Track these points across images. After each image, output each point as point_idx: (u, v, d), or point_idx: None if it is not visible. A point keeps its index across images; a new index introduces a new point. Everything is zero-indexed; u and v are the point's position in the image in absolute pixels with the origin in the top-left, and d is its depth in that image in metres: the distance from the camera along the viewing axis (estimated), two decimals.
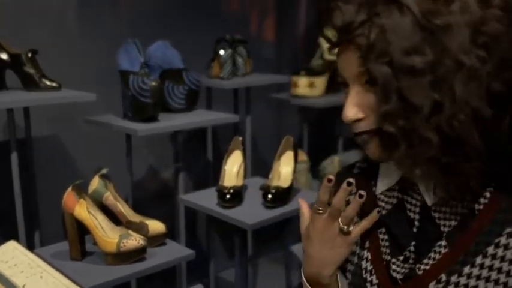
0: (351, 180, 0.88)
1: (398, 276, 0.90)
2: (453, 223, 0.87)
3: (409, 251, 0.90)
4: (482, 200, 0.86)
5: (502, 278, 0.82)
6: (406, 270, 0.90)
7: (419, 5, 0.78)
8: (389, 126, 0.81)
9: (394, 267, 0.91)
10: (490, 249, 0.83)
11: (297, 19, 3.10)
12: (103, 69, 2.26)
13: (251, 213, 1.92)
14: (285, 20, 3.07)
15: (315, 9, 3.02)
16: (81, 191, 1.63)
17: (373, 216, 0.92)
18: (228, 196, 1.95)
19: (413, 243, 0.90)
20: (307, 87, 2.60)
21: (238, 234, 2.02)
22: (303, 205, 0.98)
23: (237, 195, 1.97)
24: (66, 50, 2.21)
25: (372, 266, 0.94)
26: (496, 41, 0.77)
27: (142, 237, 1.61)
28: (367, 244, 0.97)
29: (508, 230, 0.83)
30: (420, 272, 0.88)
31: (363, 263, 0.96)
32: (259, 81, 2.58)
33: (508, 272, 0.82)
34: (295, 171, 2.10)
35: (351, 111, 0.86)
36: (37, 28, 2.13)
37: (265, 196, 1.97)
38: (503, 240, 0.83)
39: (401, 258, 0.91)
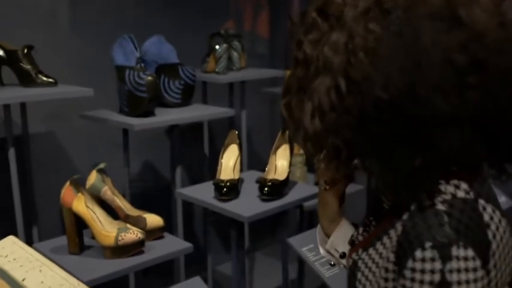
0: None
1: (353, 238, 1.03)
2: (386, 207, 0.93)
3: (371, 222, 1.00)
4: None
5: (381, 262, 0.85)
6: (360, 237, 1.00)
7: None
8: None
9: (360, 231, 1.02)
10: (384, 238, 0.86)
11: (291, 13, 3.11)
12: (97, 64, 2.27)
13: (248, 206, 1.94)
14: (279, 15, 3.08)
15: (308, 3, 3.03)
16: (79, 185, 1.63)
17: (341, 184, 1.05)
18: (224, 189, 1.96)
19: (370, 217, 1.00)
20: None
21: (234, 227, 2.03)
22: None
23: (233, 189, 1.99)
24: (60, 46, 2.21)
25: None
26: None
27: (140, 230, 1.62)
28: None
29: (397, 223, 0.83)
30: (356, 242, 1.00)
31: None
32: (254, 76, 2.59)
33: (385, 259, 0.83)
34: (291, 165, 2.11)
35: None
36: (30, 25, 2.13)
37: (261, 189, 1.98)
38: (392, 232, 0.84)
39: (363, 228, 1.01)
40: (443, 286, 0.74)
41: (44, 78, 1.90)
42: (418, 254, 0.75)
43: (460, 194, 0.80)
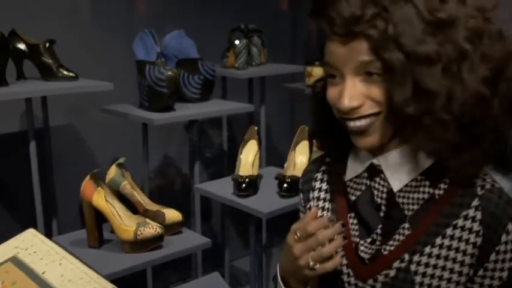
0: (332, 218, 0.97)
1: (366, 256, 0.97)
2: (416, 207, 0.94)
3: (376, 233, 0.97)
4: (442, 186, 0.92)
5: (459, 256, 0.90)
6: (373, 251, 0.96)
7: (421, 1, 0.84)
8: (409, 109, 0.85)
9: (362, 248, 0.98)
10: (449, 231, 0.91)
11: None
12: (118, 59, 2.28)
13: (266, 202, 1.93)
14: (299, 10, 3.06)
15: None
16: (99, 179, 1.64)
17: (337, 261, 0.94)
18: (243, 185, 1.96)
19: (380, 226, 0.97)
20: None
21: (253, 223, 2.03)
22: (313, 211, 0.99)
23: (252, 185, 1.98)
24: (81, 40, 2.22)
25: (341, 248, 0.99)
26: (478, 36, 0.85)
27: (159, 225, 1.62)
28: None
29: (464, 212, 0.90)
30: (386, 253, 0.95)
31: None
32: (273, 71, 2.58)
33: (464, 251, 0.89)
34: (310, 161, 2.10)
35: (347, 100, 0.89)
36: (52, 19, 2.14)
37: (280, 185, 1.97)
38: (460, 222, 0.90)
39: (368, 240, 0.98)
40: None
41: (65, 72, 1.91)
42: (509, 226, 0.88)
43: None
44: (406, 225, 0.93)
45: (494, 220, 0.88)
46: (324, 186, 1.09)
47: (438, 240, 0.91)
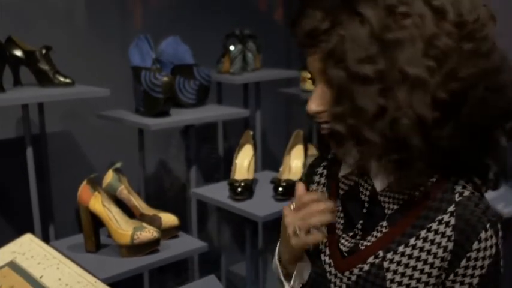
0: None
1: (344, 249, 1.01)
2: (395, 207, 0.97)
3: (357, 228, 1.01)
4: (422, 189, 0.94)
5: (430, 258, 0.92)
6: (352, 245, 1.01)
7: (378, 18, 0.85)
8: (337, 124, 0.89)
9: (343, 241, 1.03)
10: (423, 233, 0.93)
11: None
12: (114, 65, 2.29)
13: (262, 206, 1.95)
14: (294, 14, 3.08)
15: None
16: (96, 184, 1.65)
17: (318, 236, 0.98)
18: (239, 189, 1.98)
19: (361, 221, 1.01)
20: None
21: (249, 227, 2.04)
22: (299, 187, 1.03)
23: (248, 189, 2.00)
24: (77, 47, 2.23)
25: (326, 239, 1.05)
26: (445, 55, 0.85)
27: (156, 229, 1.64)
28: None
29: (440, 217, 0.92)
30: (362, 247, 0.99)
31: None
32: (268, 76, 2.60)
33: (435, 254, 0.92)
34: (305, 165, 2.12)
35: (314, 104, 0.95)
36: (48, 26, 2.15)
37: (275, 189, 1.99)
38: (434, 225, 0.92)
39: (350, 234, 1.02)
40: (497, 255, 0.91)
41: (62, 79, 1.92)
42: (483, 235, 0.89)
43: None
44: (384, 223, 0.97)
45: (468, 227, 0.89)
46: (323, 180, 1.13)
47: (412, 241, 0.94)
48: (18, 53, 1.91)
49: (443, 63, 0.85)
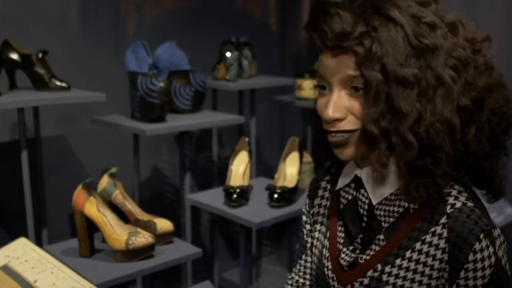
0: None
1: (345, 263, 1.03)
2: (391, 220, 0.98)
3: (357, 242, 1.02)
4: (435, 197, 0.94)
5: (427, 270, 0.93)
6: (352, 259, 1.02)
7: (410, 26, 0.89)
8: (374, 127, 0.90)
9: (343, 255, 1.04)
10: (418, 245, 0.94)
11: (301, 21, 3.12)
12: (110, 70, 2.29)
13: (257, 212, 1.95)
14: (289, 22, 3.09)
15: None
16: (91, 189, 1.65)
17: None
18: (234, 196, 1.98)
19: (360, 235, 1.02)
20: (312, 90, 2.62)
21: (243, 233, 2.04)
22: None
23: (243, 195, 2.00)
24: (74, 51, 2.23)
25: (328, 253, 1.07)
26: (464, 65, 0.91)
27: (150, 235, 1.63)
28: (328, 234, 1.10)
29: (433, 228, 0.93)
30: (362, 261, 1.00)
31: (324, 250, 1.09)
32: (264, 84, 2.61)
33: (432, 266, 0.93)
34: (300, 172, 2.13)
35: (332, 111, 0.94)
36: (45, 30, 2.15)
37: (271, 196, 2.00)
38: (428, 237, 0.93)
39: (350, 248, 1.03)
40: (498, 263, 0.91)
41: (58, 83, 1.92)
42: (477, 246, 0.89)
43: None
44: (381, 236, 0.98)
45: (460, 239, 0.90)
46: (326, 194, 1.15)
47: (408, 254, 0.95)
48: (14, 56, 1.91)
49: (462, 73, 0.90)
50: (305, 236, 1.20)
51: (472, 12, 2.31)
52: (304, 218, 1.21)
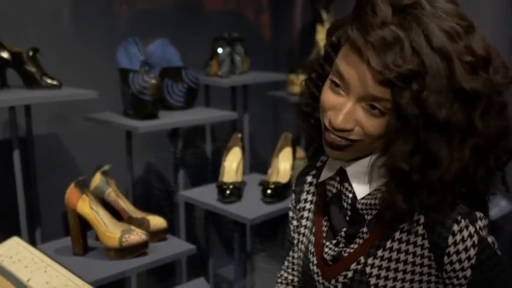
0: None
1: (328, 257, 1.01)
2: (373, 212, 0.96)
3: (340, 236, 1.01)
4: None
5: (410, 258, 0.92)
6: (335, 253, 1.01)
7: (457, 65, 0.82)
8: (404, 164, 0.85)
9: (326, 249, 1.02)
10: (397, 234, 0.94)
11: (294, 17, 3.12)
12: (102, 67, 2.28)
13: (251, 208, 1.95)
14: (282, 18, 3.09)
15: (311, 7, 3.03)
16: (84, 187, 1.65)
17: None
18: (228, 192, 1.98)
19: (344, 229, 1.01)
20: None
21: (237, 229, 2.05)
22: None
23: (236, 191, 2.00)
24: (65, 49, 2.22)
25: (314, 249, 1.05)
26: (489, 111, 0.86)
27: (144, 232, 1.63)
28: (313, 229, 1.08)
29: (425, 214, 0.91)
30: (345, 255, 0.99)
31: (310, 246, 1.08)
32: (256, 79, 2.60)
33: (414, 253, 0.92)
34: (293, 168, 2.13)
35: (342, 121, 0.89)
36: (35, 28, 2.14)
37: (264, 192, 2.00)
38: (406, 225, 0.92)
39: (333, 242, 1.02)
40: (483, 241, 0.88)
41: (49, 81, 1.91)
42: (455, 228, 0.87)
43: None
44: (365, 229, 0.97)
45: (437, 224, 0.89)
46: (312, 189, 1.13)
47: (388, 244, 0.94)
48: (5, 54, 1.90)
49: (484, 117, 0.86)
50: (292, 232, 1.18)
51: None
52: (290, 213, 1.19)
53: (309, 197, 1.13)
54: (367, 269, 0.95)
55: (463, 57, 0.83)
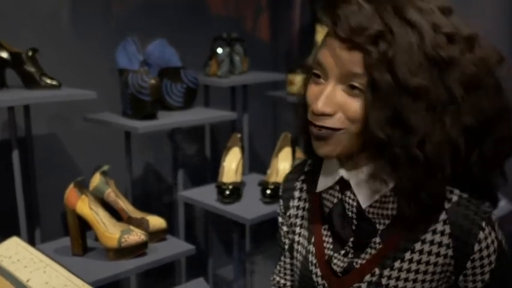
0: None
1: (338, 269, 0.99)
2: (387, 221, 0.94)
3: (348, 246, 0.98)
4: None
5: (430, 268, 0.92)
6: (345, 264, 0.98)
7: (429, 34, 0.84)
8: (380, 132, 0.85)
9: (335, 261, 1.00)
10: (417, 246, 0.92)
11: (293, 17, 3.12)
12: (101, 67, 2.28)
13: (250, 208, 1.95)
14: (281, 18, 3.09)
15: (310, 7, 3.04)
16: (83, 187, 1.65)
17: None
18: (227, 192, 1.98)
19: (351, 239, 0.98)
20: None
21: (236, 230, 2.04)
22: None
23: (236, 191, 2.00)
24: (64, 49, 2.22)
25: (316, 260, 1.03)
26: (474, 85, 0.86)
27: (143, 232, 1.63)
28: (312, 239, 1.05)
29: (432, 227, 0.91)
30: (357, 266, 0.97)
31: (309, 256, 1.05)
32: (256, 79, 2.60)
33: (435, 263, 0.91)
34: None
35: (322, 104, 0.88)
36: (35, 28, 2.14)
37: (263, 192, 1.99)
38: (428, 236, 0.92)
39: (342, 252, 0.99)
40: (501, 245, 0.91)
41: (48, 81, 1.91)
42: (481, 235, 0.89)
43: None
44: (377, 239, 0.95)
45: (464, 232, 0.89)
46: (304, 195, 1.10)
47: (407, 255, 0.93)
48: (4, 54, 1.90)
49: (472, 93, 0.86)
50: (282, 238, 1.15)
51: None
52: (280, 219, 1.16)
53: (301, 204, 1.09)
54: (383, 281, 0.94)
55: (437, 28, 0.85)
